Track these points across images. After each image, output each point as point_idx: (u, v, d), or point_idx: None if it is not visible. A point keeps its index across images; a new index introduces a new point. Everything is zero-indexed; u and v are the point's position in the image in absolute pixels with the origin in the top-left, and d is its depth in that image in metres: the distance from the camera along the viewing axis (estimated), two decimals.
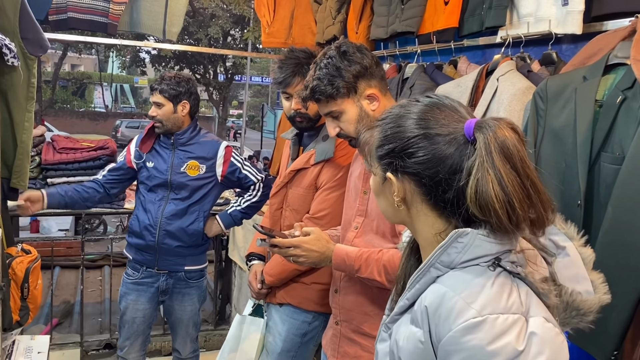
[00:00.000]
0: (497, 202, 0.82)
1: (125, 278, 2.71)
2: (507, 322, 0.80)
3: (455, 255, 0.87)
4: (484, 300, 0.81)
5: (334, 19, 3.52)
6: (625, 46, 1.53)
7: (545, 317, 0.83)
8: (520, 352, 0.78)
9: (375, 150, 0.97)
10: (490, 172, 0.83)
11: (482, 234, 0.86)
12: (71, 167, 3.49)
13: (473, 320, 0.80)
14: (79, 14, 3.74)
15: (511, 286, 0.84)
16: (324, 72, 1.57)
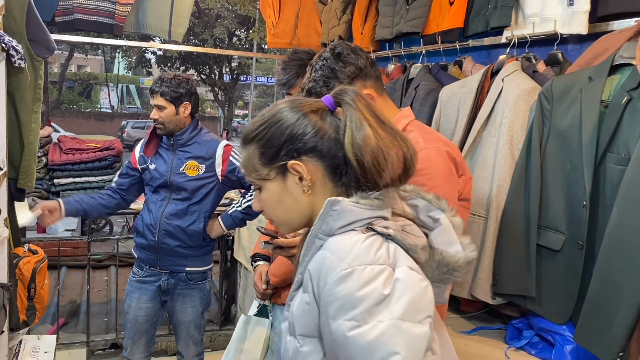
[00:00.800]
0: (369, 138, 0.96)
1: (131, 276, 2.72)
2: (374, 272, 0.90)
3: (333, 222, 0.97)
4: (354, 255, 0.91)
5: (339, 19, 3.53)
6: (631, 46, 1.53)
7: (409, 266, 0.94)
8: (386, 295, 0.89)
9: (260, 159, 1.05)
10: (360, 117, 0.98)
11: (353, 201, 0.97)
12: (77, 167, 3.51)
13: (343, 272, 0.90)
14: (86, 15, 3.76)
15: (381, 243, 0.94)
16: (319, 74, 1.57)
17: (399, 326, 0.87)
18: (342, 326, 0.89)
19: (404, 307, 0.88)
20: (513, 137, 1.89)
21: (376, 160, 0.96)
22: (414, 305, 0.89)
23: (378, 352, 0.86)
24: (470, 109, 2.10)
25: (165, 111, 2.56)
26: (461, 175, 1.52)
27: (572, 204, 1.68)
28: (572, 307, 1.69)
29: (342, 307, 0.89)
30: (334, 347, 0.92)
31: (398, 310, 0.88)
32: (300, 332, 0.99)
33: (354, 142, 0.96)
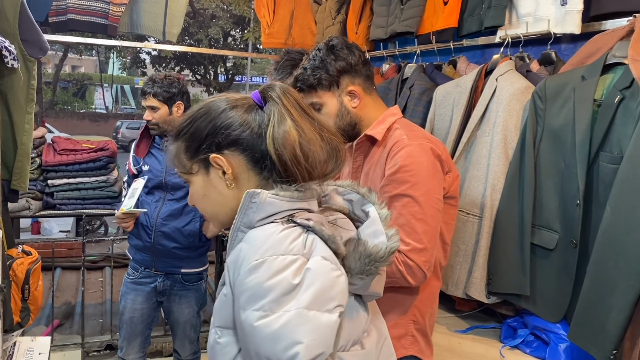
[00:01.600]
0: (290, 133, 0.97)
1: (126, 278, 2.72)
2: (285, 261, 0.90)
3: (253, 215, 0.97)
4: (267, 246, 0.92)
5: (334, 19, 3.52)
6: (624, 46, 1.54)
7: (323, 256, 0.93)
8: (295, 285, 0.89)
9: (186, 153, 1.06)
10: (283, 112, 0.99)
11: (273, 192, 0.98)
12: (71, 168, 3.49)
13: (255, 262, 0.90)
14: (79, 15, 3.74)
15: (299, 234, 0.94)
16: (310, 64, 1.60)
17: (305, 315, 0.87)
18: (251, 316, 0.89)
19: (311, 296, 0.88)
20: (507, 136, 1.89)
21: (295, 154, 0.97)
22: (322, 294, 0.89)
23: (282, 341, 0.87)
24: (464, 109, 2.11)
25: (158, 112, 2.56)
26: (447, 173, 1.53)
27: (566, 203, 1.68)
28: (566, 306, 1.70)
29: (252, 297, 0.89)
30: (244, 337, 0.92)
31: (305, 299, 0.88)
32: (218, 324, 1.00)
33: (275, 137, 0.97)
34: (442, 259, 1.61)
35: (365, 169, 1.64)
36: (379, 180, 1.55)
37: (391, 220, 1.48)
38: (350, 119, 1.61)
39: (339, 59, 1.58)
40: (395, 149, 1.52)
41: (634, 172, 1.41)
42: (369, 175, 1.61)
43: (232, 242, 1.00)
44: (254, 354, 0.90)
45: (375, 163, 1.59)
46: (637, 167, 1.40)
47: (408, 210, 1.45)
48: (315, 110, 1.63)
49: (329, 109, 1.61)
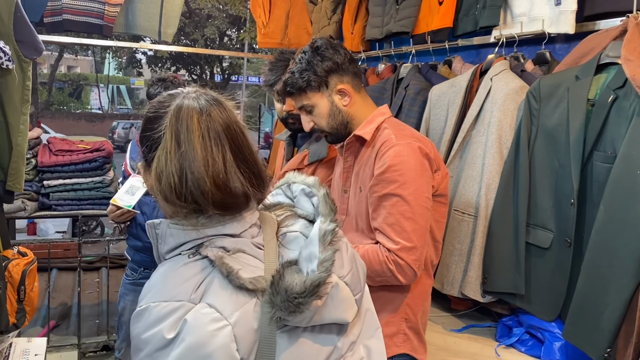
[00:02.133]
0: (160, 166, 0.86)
1: (125, 279, 2.72)
2: (165, 310, 0.81)
3: (160, 247, 0.90)
4: (155, 289, 0.84)
5: (330, 19, 3.53)
6: (617, 46, 1.55)
7: (208, 303, 0.81)
8: (170, 340, 0.80)
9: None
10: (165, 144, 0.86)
11: (174, 222, 0.88)
12: (67, 169, 3.48)
13: (138, 310, 0.83)
14: (74, 16, 3.73)
15: (197, 272, 0.84)
16: (297, 67, 1.61)
17: None
18: None
19: (179, 354, 0.79)
20: (502, 136, 1.90)
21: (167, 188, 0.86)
22: (194, 352, 0.79)
23: None
24: (459, 108, 2.12)
25: None
26: (436, 171, 1.55)
27: (560, 202, 1.69)
28: (561, 304, 1.71)
29: (135, 347, 0.84)
30: None
31: (174, 357, 0.79)
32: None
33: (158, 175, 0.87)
34: (434, 256, 1.62)
35: (356, 169, 1.66)
36: (368, 180, 1.57)
37: (380, 219, 1.48)
38: (342, 118, 1.62)
39: (325, 59, 1.59)
40: (383, 149, 1.53)
41: (627, 171, 1.42)
42: (359, 175, 1.63)
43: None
44: None
45: (365, 163, 1.61)
46: (630, 166, 1.41)
47: (397, 210, 1.47)
48: (307, 112, 1.65)
49: (320, 109, 1.62)
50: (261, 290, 0.84)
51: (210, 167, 0.85)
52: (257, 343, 0.83)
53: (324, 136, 1.71)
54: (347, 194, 1.70)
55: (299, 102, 1.64)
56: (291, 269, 0.85)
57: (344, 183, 1.71)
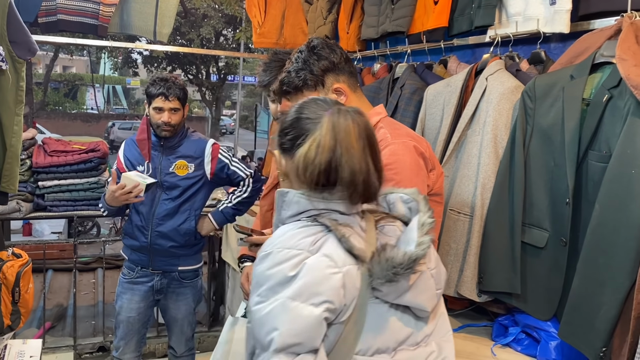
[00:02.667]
0: (302, 158, 1.03)
1: (122, 278, 2.72)
2: (287, 254, 0.98)
3: (284, 212, 1.08)
4: (280, 240, 1.01)
5: (325, 19, 3.52)
6: (611, 45, 1.55)
7: (325, 254, 0.99)
8: (290, 277, 0.96)
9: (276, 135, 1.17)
10: (316, 139, 1.03)
11: (299, 192, 1.06)
12: (62, 169, 3.47)
13: (263, 253, 1.01)
14: (69, 16, 3.72)
15: (314, 233, 1.01)
16: (293, 66, 1.61)
17: (286, 304, 0.94)
18: (252, 301, 0.99)
19: (298, 287, 0.95)
20: (497, 135, 1.90)
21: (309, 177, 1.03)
22: (309, 288, 0.95)
23: (265, 326, 0.95)
24: (454, 108, 2.12)
25: (179, 113, 2.57)
26: (431, 170, 1.55)
27: (556, 202, 1.69)
28: (557, 304, 1.71)
29: (256, 284, 0.99)
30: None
31: (292, 290, 0.95)
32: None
33: (299, 160, 1.05)
34: None
35: None
36: None
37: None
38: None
39: (321, 59, 1.59)
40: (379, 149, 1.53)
41: (622, 171, 1.42)
42: None
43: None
44: (252, 334, 1.00)
45: None
46: (624, 165, 1.41)
47: None
48: None
49: None
50: (363, 259, 1.01)
51: (364, 163, 1.04)
52: (355, 300, 0.99)
53: None
54: None
55: (296, 101, 1.64)
56: (391, 246, 1.03)
57: None
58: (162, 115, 2.53)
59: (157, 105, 2.54)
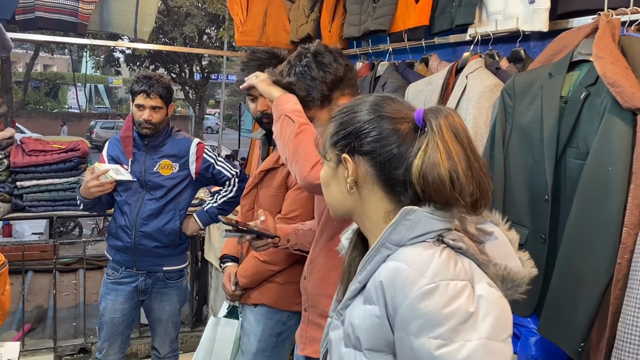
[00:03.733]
0: (443, 169, 0.91)
1: (106, 279, 2.70)
2: (457, 287, 0.87)
3: (404, 233, 0.94)
4: (435, 269, 0.88)
5: (308, 17, 3.52)
6: (588, 43, 1.56)
7: (488, 283, 0.92)
8: (472, 313, 0.86)
9: (330, 138, 1.05)
10: (439, 145, 0.93)
11: (427, 211, 0.94)
12: (41, 169, 3.42)
13: (427, 287, 0.87)
14: (47, 13, 3.66)
15: (455, 257, 0.92)
16: (299, 78, 1.59)
17: (488, 346, 0.85)
18: (427, 344, 0.86)
19: (490, 325, 0.86)
20: (477, 133, 1.91)
21: (443, 186, 0.92)
22: (499, 324, 0.87)
23: None
24: None
25: (160, 112, 2.54)
26: None
27: (535, 199, 1.70)
28: (537, 300, 1.72)
29: (427, 324, 0.86)
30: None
31: (485, 329, 0.86)
32: (368, 347, 0.96)
33: (423, 171, 0.93)
34: None
35: None
36: None
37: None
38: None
39: (328, 74, 1.58)
40: None
41: (599, 168, 1.43)
42: None
43: (372, 257, 0.97)
44: None
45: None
46: (601, 162, 1.43)
47: None
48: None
49: (321, 122, 1.60)
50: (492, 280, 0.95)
51: (486, 170, 0.96)
52: None
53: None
54: None
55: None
56: (506, 265, 0.98)
57: None
58: (144, 113, 2.51)
59: (139, 102, 2.52)
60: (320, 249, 1.68)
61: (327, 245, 1.66)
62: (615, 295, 1.39)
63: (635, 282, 1.33)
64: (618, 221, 1.40)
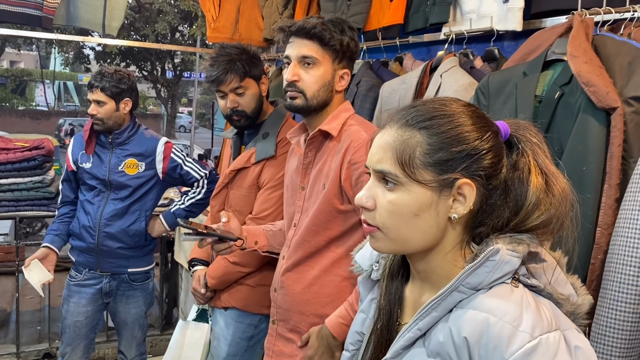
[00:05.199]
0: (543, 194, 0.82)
1: (69, 281, 2.62)
2: (555, 340, 0.76)
3: (485, 276, 0.80)
4: (530, 321, 0.77)
5: (281, 14, 3.47)
6: (562, 42, 1.56)
7: (576, 329, 0.81)
8: None
9: (426, 157, 0.82)
10: (534, 165, 0.84)
11: (510, 248, 0.81)
12: (3, 168, 3.30)
13: (529, 345, 0.75)
14: (10, 6, 3.52)
15: (537, 301, 0.80)
16: (331, 24, 1.56)
17: None
18: None
19: None
20: None
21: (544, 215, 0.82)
22: None
23: None
24: None
25: (105, 107, 2.46)
26: None
27: None
28: None
29: None
30: None
31: None
32: None
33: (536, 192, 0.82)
34: None
35: (318, 166, 1.61)
36: (332, 173, 1.54)
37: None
38: (327, 97, 1.59)
39: (352, 40, 1.59)
40: (355, 145, 1.51)
41: (574, 167, 1.42)
42: (323, 171, 1.58)
43: (440, 301, 0.82)
44: None
45: (330, 157, 1.57)
46: (576, 162, 1.42)
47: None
48: (305, 63, 1.57)
49: (320, 72, 1.56)
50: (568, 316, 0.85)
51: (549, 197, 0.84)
52: None
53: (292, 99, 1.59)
54: (305, 191, 1.65)
55: (309, 50, 1.56)
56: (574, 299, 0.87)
57: (301, 179, 1.66)
58: (90, 108, 2.47)
59: (88, 97, 2.51)
60: (293, 265, 1.63)
61: (301, 262, 1.62)
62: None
63: (609, 282, 1.33)
64: (592, 221, 1.39)
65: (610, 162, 1.37)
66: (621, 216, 1.33)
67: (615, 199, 1.37)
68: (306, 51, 1.55)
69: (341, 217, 1.54)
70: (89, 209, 2.50)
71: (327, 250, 1.58)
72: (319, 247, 1.58)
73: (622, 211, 1.34)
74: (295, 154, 1.74)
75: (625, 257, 1.30)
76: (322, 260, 1.58)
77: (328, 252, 1.58)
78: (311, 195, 1.61)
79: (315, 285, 1.59)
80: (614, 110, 1.36)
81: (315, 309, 1.60)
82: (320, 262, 1.59)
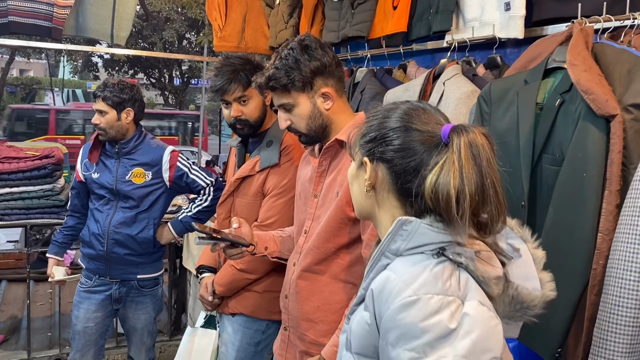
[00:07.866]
0: (453, 188, 0.90)
1: (79, 287, 2.66)
2: (441, 303, 0.86)
3: (401, 243, 0.94)
4: (421, 282, 0.88)
5: (287, 23, 3.51)
6: (563, 50, 1.57)
7: (480, 301, 0.89)
8: (452, 330, 0.85)
9: (358, 138, 1.05)
10: (455, 164, 0.91)
11: (426, 223, 0.93)
12: (15, 177, 3.35)
13: (408, 299, 0.86)
14: (21, 18, 3.59)
15: (451, 272, 0.90)
16: (282, 63, 1.54)
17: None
18: (402, 355, 0.86)
19: (469, 345, 0.84)
20: None
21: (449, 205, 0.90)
22: (480, 345, 0.85)
23: None
24: None
25: (106, 116, 2.50)
26: None
27: (512, 205, 1.71)
28: None
29: (404, 336, 0.86)
30: None
31: (463, 347, 0.84)
32: (357, 351, 0.97)
33: (436, 189, 0.92)
34: None
35: (333, 174, 1.61)
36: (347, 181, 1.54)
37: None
38: (322, 121, 1.59)
39: (313, 59, 1.54)
40: None
41: (574, 174, 1.44)
42: (337, 179, 1.59)
43: (374, 264, 0.98)
44: None
45: (346, 166, 1.57)
46: (576, 169, 1.44)
47: None
48: (286, 110, 1.59)
49: (301, 110, 1.57)
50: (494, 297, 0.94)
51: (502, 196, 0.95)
52: None
53: (298, 136, 1.65)
54: (317, 199, 1.65)
55: (280, 100, 1.59)
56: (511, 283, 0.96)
57: (314, 187, 1.66)
58: (94, 117, 2.52)
59: (93, 107, 2.55)
60: (304, 271, 1.64)
61: (312, 269, 1.62)
62: (591, 301, 1.40)
63: (610, 288, 1.34)
64: (593, 227, 1.41)
65: (611, 169, 1.39)
66: (621, 222, 1.35)
67: (616, 205, 1.38)
68: (280, 100, 1.59)
69: (351, 225, 1.55)
70: (98, 217, 2.55)
71: (336, 257, 1.58)
72: (328, 253, 1.59)
73: (622, 217, 1.35)
74: (307, 163, 1.75)
75: (625, 263, 1.31)
76: (331, 267, 1.59)
77: (337, 259, 1.59)
78: (324, 203, 1.62)
79: (325, 292, 1.60)
80: (614, 118, 1.38)
81: (325, 315, 1.60)
82: (330, 269, 1.60)
